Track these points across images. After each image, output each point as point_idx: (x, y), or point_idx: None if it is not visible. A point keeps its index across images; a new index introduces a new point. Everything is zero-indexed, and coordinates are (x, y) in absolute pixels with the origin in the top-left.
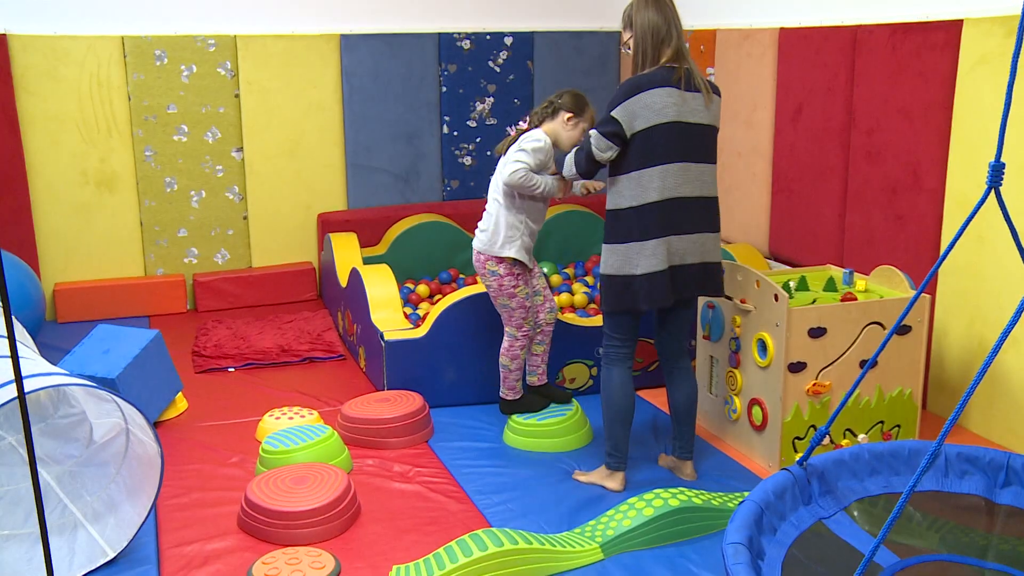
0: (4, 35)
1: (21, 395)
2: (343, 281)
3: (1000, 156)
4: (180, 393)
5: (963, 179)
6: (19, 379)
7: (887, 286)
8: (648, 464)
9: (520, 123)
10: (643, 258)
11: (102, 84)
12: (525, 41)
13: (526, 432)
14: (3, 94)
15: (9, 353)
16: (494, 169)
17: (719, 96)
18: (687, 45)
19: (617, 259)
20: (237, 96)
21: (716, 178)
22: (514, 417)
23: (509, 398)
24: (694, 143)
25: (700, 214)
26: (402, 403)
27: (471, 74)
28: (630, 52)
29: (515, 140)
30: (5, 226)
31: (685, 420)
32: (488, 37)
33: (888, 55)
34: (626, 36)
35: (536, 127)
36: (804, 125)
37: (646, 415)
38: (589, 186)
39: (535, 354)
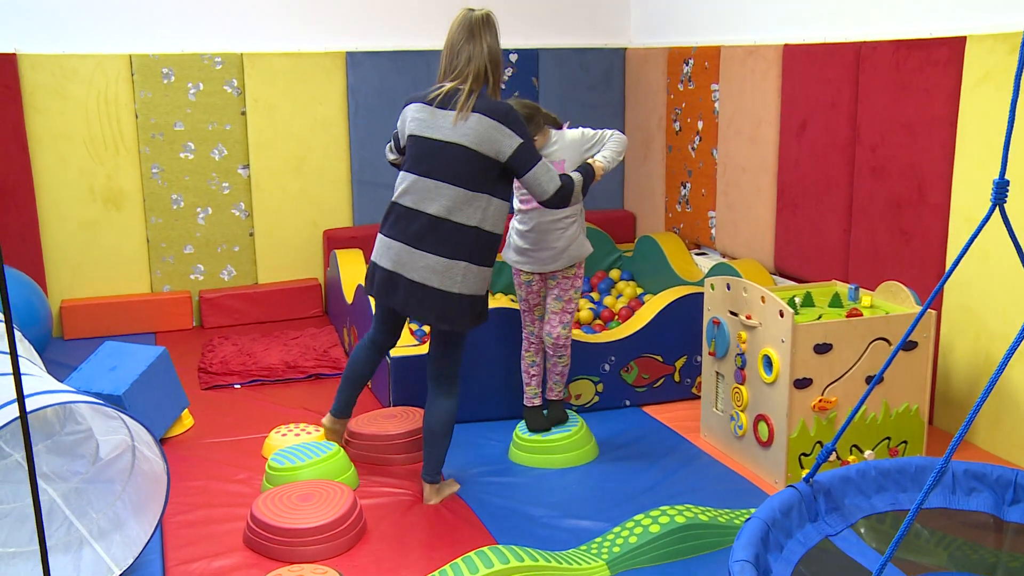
0: (14, 54)
1: (23, 412)
2: (349, 297)
3: (1004, 173)
4: (186, 410)
5: (968, 194)
6: (20, 396)
7: (893, 302)
8: (653, 482)
9: None
10: (377, 248)
11: (110, 102)
12: (530, 58)
13: (531, 448)
14: (12, 112)
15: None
16: None
17: (493, 119)
18: (473, 67)
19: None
20: (243, 113)
21: (469, 205)
22: (519, 433)
23: (525, 404)
24: (437, 160)
25: (438, 236)
26: (409, 419)
27: None
28: None
29: None
30: (13, 243)
31: (428, 442)
32: None
33: (892, 71)
34: None
35: None
36: (809, 141)
37: (646, 431)
38: None
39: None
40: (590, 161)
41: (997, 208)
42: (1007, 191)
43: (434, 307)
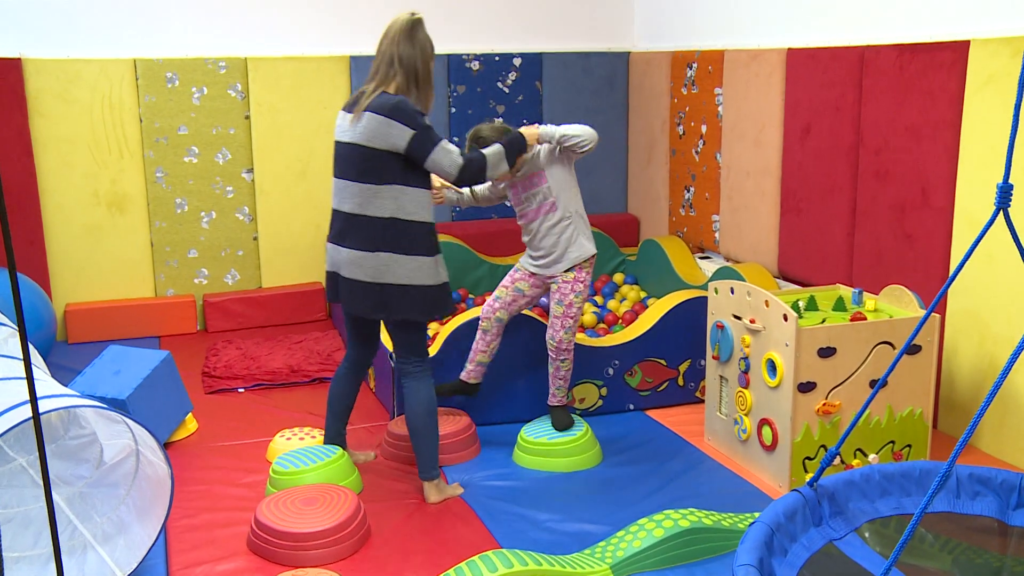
0: (19, 59)
1: (36, 418)
2: None
3: (1008, 177)
4: (190, 414)
5: (972, 198)
6: (34, 402)
7: (896, 305)
8: (657, 486)
9: None
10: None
11: (114, 106)
12: (534, 62)
13: (536, 451)
14: (17, 117)
15: (22, 375)
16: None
17: (381, 115)
18: (383, 68)
19: None
20: (247, 118)
21: (378, 197)
22: (524, 436)
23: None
24: (345, 162)
25: (355, 231)
26: (450, 421)
27: (480, 95)
28: None
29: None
30: (17, 247)
31: (413, 438)
32: (497, 58)
33: (896, 75)
34: None
35: None
36: (812, 144)
37: (650, 435)
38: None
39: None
40: (524, 128)
41: (1001, 212)
42: (1011, 195)
43: (367, 299)
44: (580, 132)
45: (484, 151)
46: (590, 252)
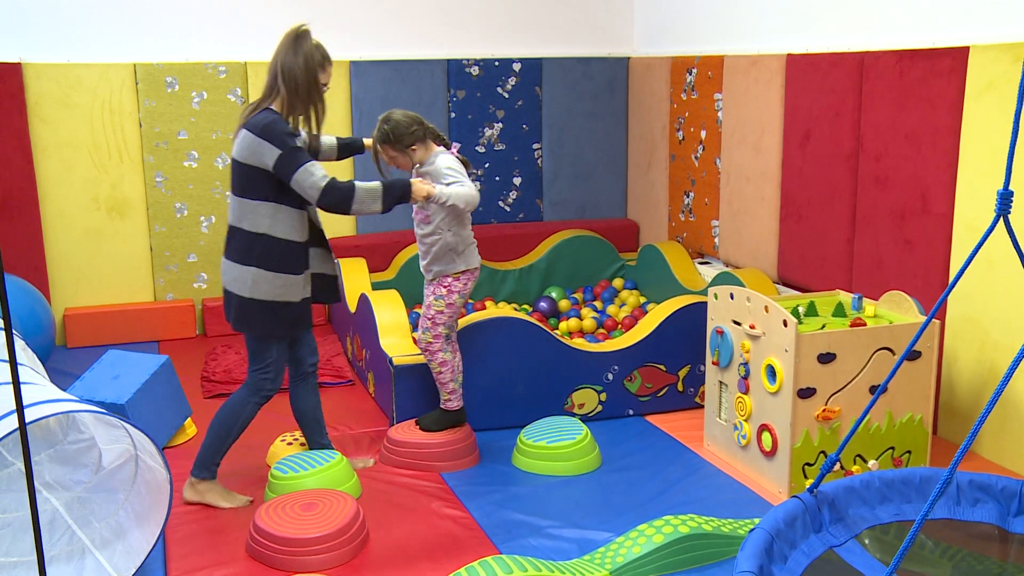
0: (19, 63)
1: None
2: (352, 306)
3: (1008, 184)
4: (189, 419)
5: (972, 204)
6: (20, 407)
7: (896, 311)
8: (656, 491)
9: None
10: None
11: (114, 111)
12: (533, 67)
13: (535, 454)
14: (17, 121)
15: (21, 379)
16: (504, 194)
17: (253, 134)
18: (268, 82)
19: None
20: None
21: (256, 212)
22: (523, 439)
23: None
24: (231, 175)
25: (231, 241)
26: (450, 429)
27: (480, 100)
28: None
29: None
30: (17, 251)
31: (209, 432)
32: (497, 63)
33: (895, 81)
34: None
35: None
36: (812, 150)
37: (650, 440)
38: None
39: None
40: (416, 181)
41: (1002, 219)
42: (1011, 202)
43: (231, 310)
44: (465, 198)
45: (358, 185)
46: (458, 269)
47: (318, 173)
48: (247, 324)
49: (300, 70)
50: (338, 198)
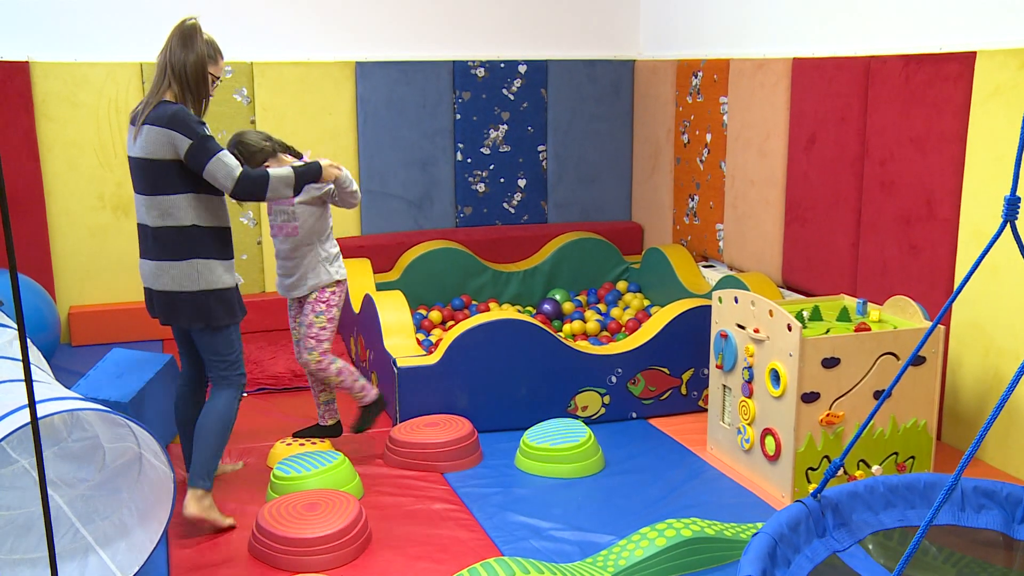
0: (26, 62)
1: (35, 423)
2: (356, 307)
3: (1016, 190)
4: None
5: (977, 209)
6: (32, 407)
7: (901, 316)
8: (659, 495)
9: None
10: None
11: (120, 110)
12: (539, 69)
13: (538, 456)
14: (24, 120)
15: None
16: (507, 196)
17: (159, 127)
18: (157, 76)
19: None
20: (253, 122)
21: (178, 207)
22: (527, 441)
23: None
24: (136, 175)
25: (152, 243)
26: (452, 428)
27: (485, 101)
28: None
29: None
30: (22, 249)
31: (197, 439)
32: (502, 65)
33: (901, 85)
34: None
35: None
36: (817, 154)
37: (653, 443)
38: None
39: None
40: (325, 163)
41: (1008, 225)
42: (1019, 208)
43: (184, 311)
44: (355, 189)
45: (271, 171)
46: (330, 279)
47: (231, 163)
48: (207, 317)
49: (191, 64)
50: (253, 187)
